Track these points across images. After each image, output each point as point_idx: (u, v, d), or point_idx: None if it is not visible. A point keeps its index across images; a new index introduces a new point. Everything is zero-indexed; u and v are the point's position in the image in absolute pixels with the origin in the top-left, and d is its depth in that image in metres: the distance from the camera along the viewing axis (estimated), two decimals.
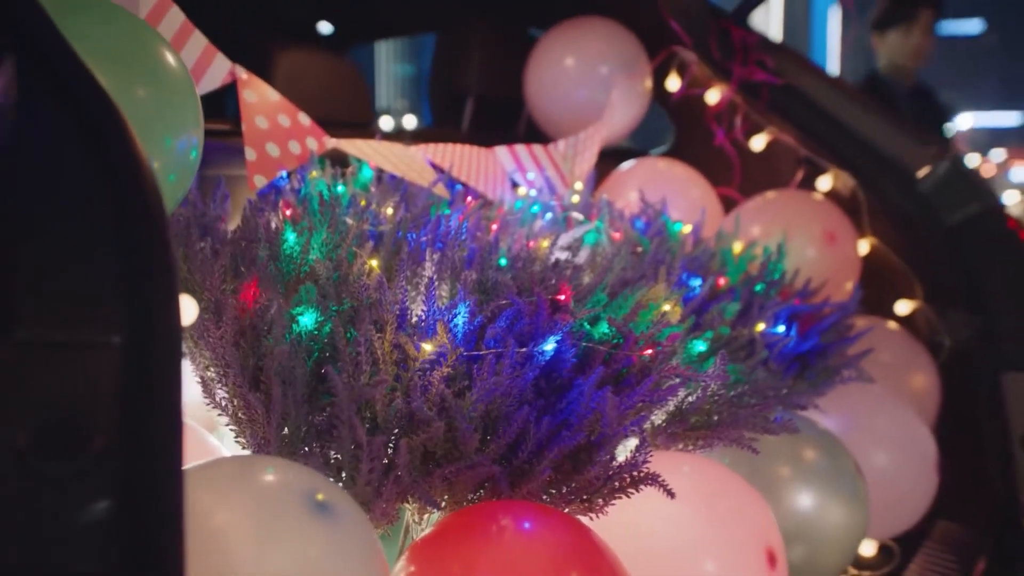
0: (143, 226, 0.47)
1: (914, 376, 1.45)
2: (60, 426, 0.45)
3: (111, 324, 0.46)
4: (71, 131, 0.45)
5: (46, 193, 0.46)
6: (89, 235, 0.47)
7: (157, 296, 0.47)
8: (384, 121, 4.05)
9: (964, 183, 1.51)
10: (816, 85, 1.65)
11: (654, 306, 1.02)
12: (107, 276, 0.47)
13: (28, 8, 0.47)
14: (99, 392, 0.46)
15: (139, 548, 0.45)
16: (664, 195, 1.57)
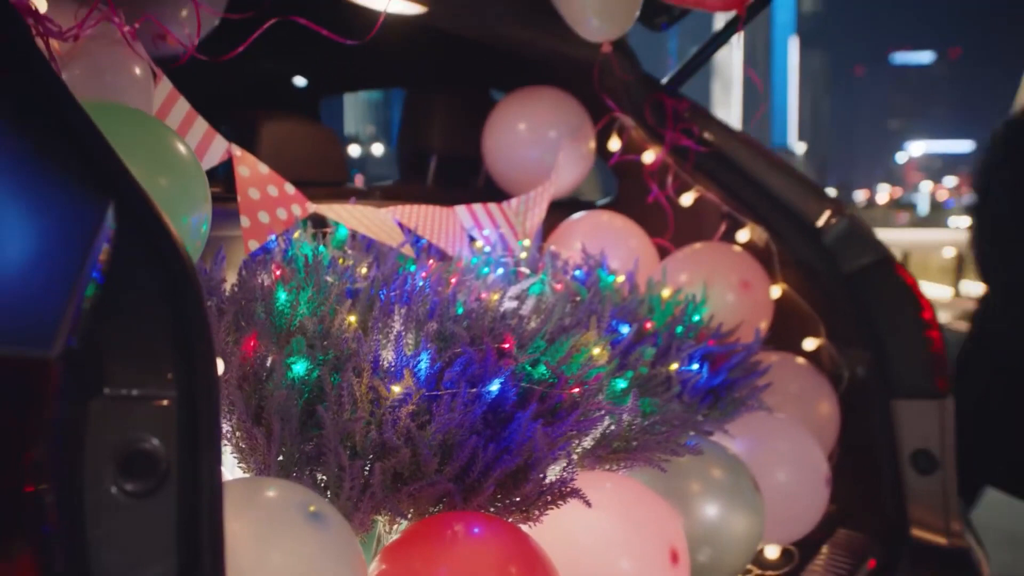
0: (191, 320, 0.67)
1: (819, 404, 1.68)
2: (136, 455, 0.65)
3: (168, 382, 0.66)
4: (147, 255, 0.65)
5: (128, 294, 0.65)
6: (153, 322, 0.66)
7: (201, 361, 0.67)
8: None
9: (859, 237, 1.76)
10: (736, 149, 1.89)
11: (585, 350, 1.24)
12: (165, 349, 0.67)
13: (121, 167, 0.67)
14: (162, 430, 0.65)
15: (192, 540, 0.64)
16: (606, 245, 1.80)
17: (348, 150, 45.77)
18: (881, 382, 1.70)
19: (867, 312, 1.72)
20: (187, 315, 0.67)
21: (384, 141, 38.79)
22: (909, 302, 1.73)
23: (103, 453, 0.63)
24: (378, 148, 41.03)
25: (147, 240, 0.65)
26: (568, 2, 1.53)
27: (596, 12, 1.52)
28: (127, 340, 0.66)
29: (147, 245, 0.65)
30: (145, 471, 0.64)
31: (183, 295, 0.66)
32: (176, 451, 0.65)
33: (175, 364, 0.66)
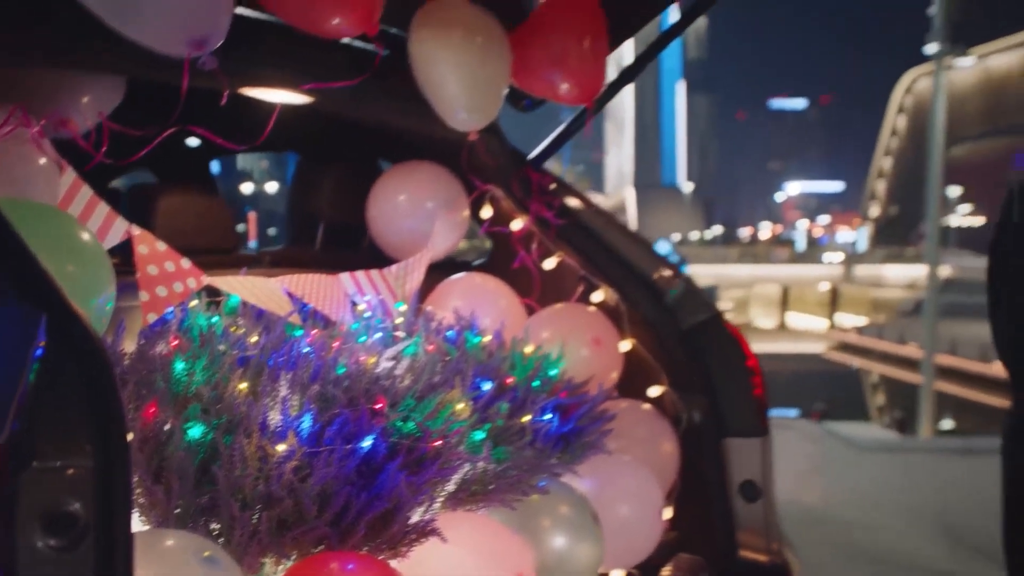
0: (106, 401, 0.83)
1: (662, 444, 1.93)
2: (60, 516, 0.80)
3: (86, 453, 0.82)
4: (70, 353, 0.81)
5: (55, 384, 0.81)
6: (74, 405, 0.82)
7: (114, 435, 0.84)
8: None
9: (695, 298, 2.04)
10: (593, 219, 2.15)
11: (450, 406, 1.44)
12: (83, 426, 0.83)
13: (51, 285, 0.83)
14: (82, 494, 0.81)
15: None
16: (478, 305, 2.01)
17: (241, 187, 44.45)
18: (714, 424, 1.97)
19: (702, 362, 2.00)
20: (102, 397, 0.83)
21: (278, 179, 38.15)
22: (736, 353, 2.01)
23: (32, 515, 0.78)
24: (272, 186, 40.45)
25: (70, 341, 0.81)
26: (439, 98, 1.76)
27: (463, 107, 1.75)
28: (53, 421, 0.81)
29: (70, 345, 0.81)
30: (67, 529, 0.79)
31: (98, 381, 0.82)
32: (94, 512, 0.81)
33: (92, 438, 0.82)
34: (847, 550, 7.24)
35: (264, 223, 42.70)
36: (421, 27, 1.67)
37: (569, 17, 1.85)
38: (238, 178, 35.75)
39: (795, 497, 9.43)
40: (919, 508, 8.21)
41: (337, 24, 1.36)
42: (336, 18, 1.35)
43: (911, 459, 10.13)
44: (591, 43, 1.85)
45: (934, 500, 8.42)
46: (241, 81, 1.62)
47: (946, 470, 9.60)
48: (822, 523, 8.20)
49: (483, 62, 1.71)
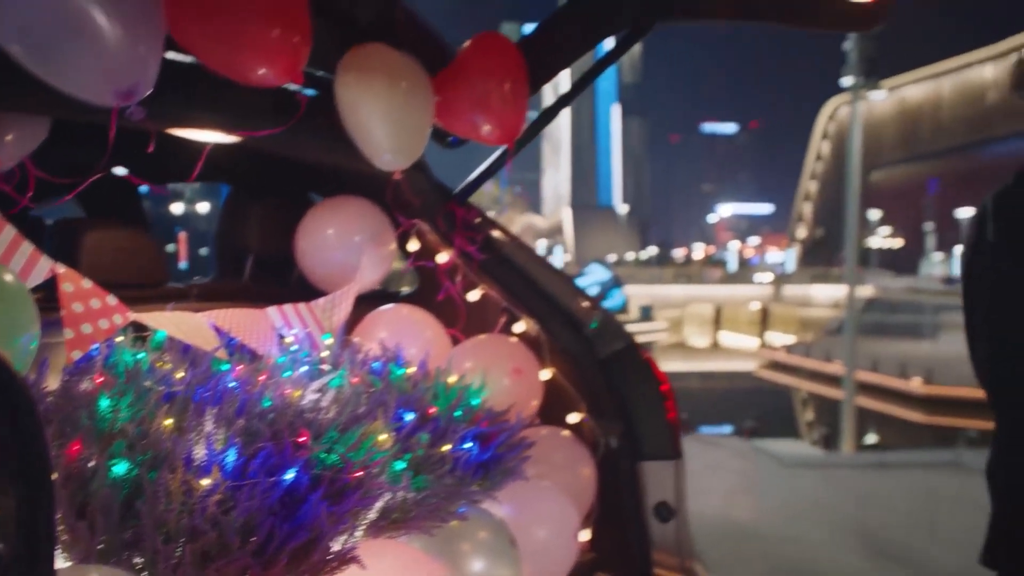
0: (29, 442, 0.87)
1: (580, 469, 2.03)
2: None
3: (9, 493, 0.86)
4: None
5: None
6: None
7: (37, 474, 0.88)
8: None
9: (612, 328, 2.15)
10: (516, 253, 2.24)
11: (372, 437, 1.50)
12: (6, 466, 0.87)
13: None
14: (5, 533, 0.85)
15: None
16: (405, 336, 2.08)
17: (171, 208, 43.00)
18: (630, 448, 2.07)
19: (618, 390, 2.10)
20: (25, 436, 0.87)
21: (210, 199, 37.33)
22: (651, 380, 2.12)
23: None
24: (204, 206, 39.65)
25: None
26: (364, 140, 1.83)
27: (388, 149, 1.83)
28: None
29: None
30: None
31: (22, 420, 0.87)
32: (16, 550, 0.85)
33: (15, 477, 0.86)
34: (773, 563, 7.45)
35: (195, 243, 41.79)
36: (346, 73, 1.74)
37: (490, 62, 1.94)
38: (169, 199, 34.91)
39: (726, 513, 9.69)
40: (841, 521, 8.52)
41: (263, 74, 1.42)
42: (262, 68, 1.41)
43: (834, 474, 10.50)
44: (511, 87, 1.95)
45: (855, 513, 8.75)
46: (170, 124, 1.66)
47: (865, 484, 9.98)
48: (751, 538, 8.44)
49: (406, 107, 1.79)
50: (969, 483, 9.32)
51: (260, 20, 1.39)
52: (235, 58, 1.39)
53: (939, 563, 7.11)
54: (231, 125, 1.70)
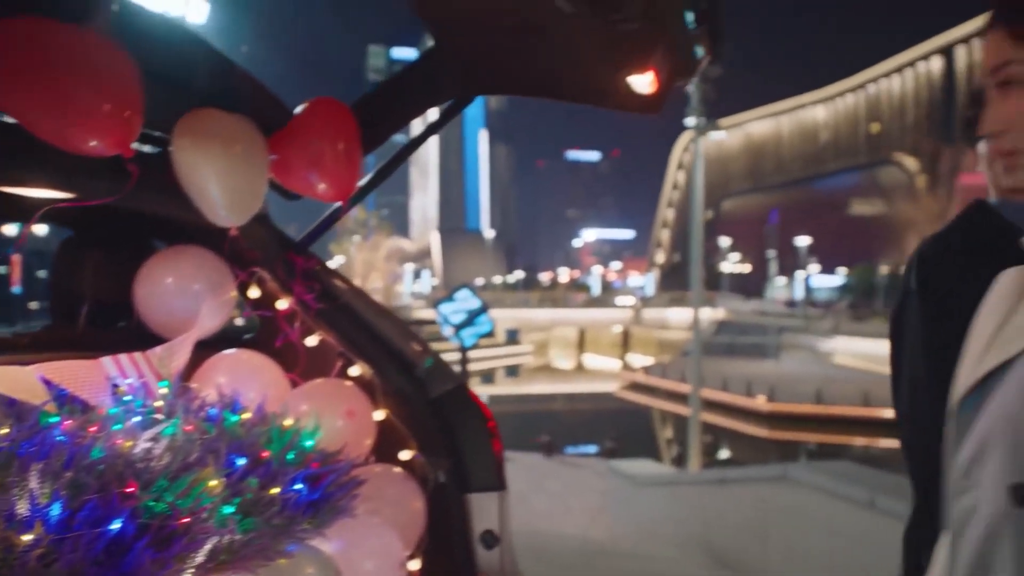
0: None
1: (411, 504, 2.18)
2: None
3: None
4: None
5: None
6: None
7: None
8: None
9: (442, 370, 2.33)
10: (353, 300, 2.38)
11: (202, 483, 1.59)
12: None
13: None
14: None
15: None
16: (245, 381, 2.17)
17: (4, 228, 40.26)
18: (458, 481, 2.24)
19: (448, 427, 2.27)
20: None
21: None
22: (478, 418, 2.31)
23: None
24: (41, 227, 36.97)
25: None
26: (201, 199, 1.92)
27: (223, 207, 1.93)
28: None
29: None
30: None
31: None
32: None
33: None
34: None
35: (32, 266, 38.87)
36: (181, 136, 1.84)
37: (324, 125, 2.08)
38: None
39: (585, 532, 10.06)
40: (688, 536, 9.06)
41: (93, 146, 1.50)
42: (92, 141, 1.49)
43: (682, 491, 11.13)
44: (344, 148, 2.10)
45: (699, 527, 9.33)
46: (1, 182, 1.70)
47: (708, 499, 10.65)
48: (605, 555, 8.81)
49: (240, 169, 1.91)
50: (795, 494, 10.16)
51: (90, 94, 1.47)
52: (65, 131, 1.47)
53: (772, 570, 7.71)
54: (63, 186, 1.75)
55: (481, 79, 2.08)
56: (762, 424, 26.19)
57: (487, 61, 2.02)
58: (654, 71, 1.69)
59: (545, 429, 15.60)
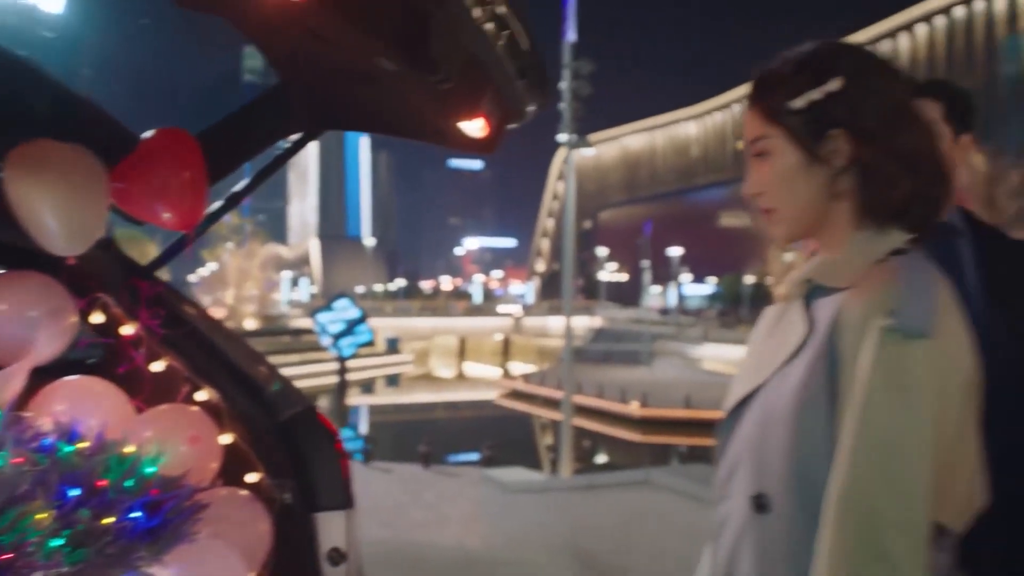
0: None
1: (256, 525, 2.22)
2: None
3: None
4: None
5: None
6: None
7: None
8: None
9: (290, 393, 2.39)
10: (202, 324, 2.40)
11: (30, 517, 1.60)
12: None
13: None
14: None
15: None
16: (85, 408, 2.15)
17: None
18: (306, 501, 2.31)
19: (296, 449, 2.33)
20: None
21: None
22: (326, 438, 2.38)
23: None
24: None
25: None
26: (37, 231, 1.91)
27: (61, 238, 1.93)
28: None
29: None
30: None
31: None
32: None
33: None
34: None
35: None
36: (14, 168, 1.83)
37: (168, 155, 2.11)
38: None
39: (460, 542, 10.18)
40: (557, 541, 9.34)
41: None
42: None
43: (553, 497, 11.44)
44: (190, 177, 2.13)
45: (569, 533, 9.62)
46: None
47: (577, 505, 11.00)
48: (478, 563, 8.96)
49: (79, 200, 1.91)
50: (657, 498, 10.65)
51: None
52: None
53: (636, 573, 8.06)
54: None
55: (328, 115, 2.17)
56: (635, 429, 27.15)
57: (333, 99, 2.11)
58: (484, 117, 1.83)
59: (425, 439, 15.65)
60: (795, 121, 1.24)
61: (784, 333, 1.27)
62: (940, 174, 1.22)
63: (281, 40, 1.89)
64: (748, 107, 1.32)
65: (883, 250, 1.20)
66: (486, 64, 1.64)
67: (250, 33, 1.92)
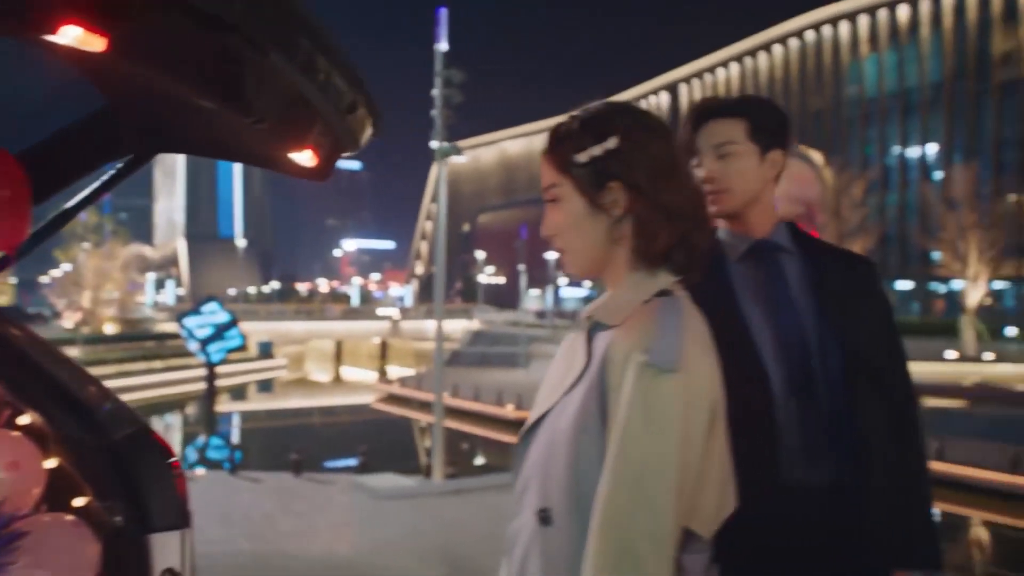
0: None
1: (83, 549, 2.19)
2: None
3: None
4: None
5: None
6: None
7: None
8: None
9: (122, 413, 2.35)
10: (23, 345, 2.34)
11: None
12: None
13: None
14: None
15: None
16: None
17: None
18: (138, 523, 2.29)
19: (128, 471, 2.31)
20: None
21: None
22: (162, 456, 2.37)
23: None
24: None
25: None
26: None
27: None
28: None
29: None
30: None
31: None
32: None
33: None
34: None
35: None
36: None
37: None
38: None
39: (330, 549, 10.07)
40: (427, 546, 9.40)
41: None
42: None
43: (424, 502, 11.49)
44: (9, 196, 2.08)
45: (439, 537, 9.71)
46: None
47: (448, 509, 11.11)
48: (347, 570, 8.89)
49: None
50: None
51: None
52: None
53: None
54: None
55: (158, 139, 2.16)
56: (511, 431, 27.47)
57: (163, 123, 2.11)
58: (311, 149, 1.89)
59: (299, 445, 15.32)
60: (580, 173, 1.39)
61: (570, 362, 1.42)
62: (700, 224, 1.39)
63: (103, 68, 1.88)
64: (543, 156, 1.45)
65: (650, 291, 1.36)
66: (310, 102, 1.70)
67: (71, 63, 1.90)
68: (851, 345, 1.63)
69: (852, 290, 1.71)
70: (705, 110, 1.79)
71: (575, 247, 1.43)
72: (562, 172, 1.42)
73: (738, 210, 1.76)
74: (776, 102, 1.84)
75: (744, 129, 1.73)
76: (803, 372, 1.61)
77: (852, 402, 1.59)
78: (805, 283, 1.71)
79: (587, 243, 1.42)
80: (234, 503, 11.12)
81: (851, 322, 1.66)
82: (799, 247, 1.78)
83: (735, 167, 1.74)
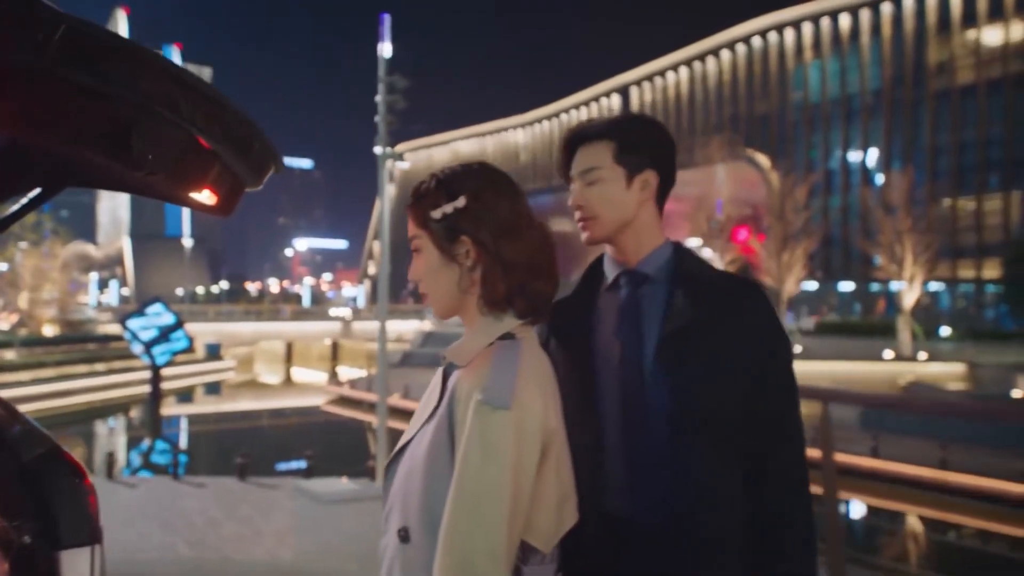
0: None
1: None
2: None
3: None
4: None
5: None
6: None
7: None
8: None
9: (32, 433, 2.44)
10: None
11: None
12: None
13: None
14: None
15: None
16: None
17: None
18: (48, 540, 2.37)
19: (38, 489, 2.40)
20: None
21: None
22: (73, 475, 2.46)
23: None
24: None
25: None
26: None
27: None
28: None
29: None
30: None
31: None
32: None
33: None
34: None
35: None
36: None
37: None
38: None
39: (274, 555, 10.06)
40: (367, 550, 9.46)
41: None
42: None
43: (365, 506, 11.53)
44: None
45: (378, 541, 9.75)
46: None
47: None
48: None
49: None
50: None
51: None
52: None
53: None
54: None
55: (66, 173, 2.25)
56: None
57: (70, 159, 2.20)
58: (209, 189, 2.01)
59: (246, 449, 15.18)
60: (435, 227, 1.55)
61: (431, 396, 1.58)
62: (538, 274, 1.55)
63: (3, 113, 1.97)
64: (407, 210, 1.60)
65: (495, 334, 1.53)
66: (203, 149, 1.82)
67: None
68: (686, 383, 1.58)
69: (729, 322, 1.61)
70: (574, 136, 1.73)
71: (434, 292, 1.59)
72: (421, 226, 1.58)
73: (610, 236, 1.70)
74: (656, 119, 1.73)
75: (611, 152, 1.66)
76: (635, 407, 1.60)
77: (678, 440, 1.58)
78: (662, 314, 1.65)
79: (443, 289, 1.57)
80: (177, 508, 11.03)
81: (703, 358, 1.59)
82: (678, 275, 1.68)
83: (600, 193, 1.67)
